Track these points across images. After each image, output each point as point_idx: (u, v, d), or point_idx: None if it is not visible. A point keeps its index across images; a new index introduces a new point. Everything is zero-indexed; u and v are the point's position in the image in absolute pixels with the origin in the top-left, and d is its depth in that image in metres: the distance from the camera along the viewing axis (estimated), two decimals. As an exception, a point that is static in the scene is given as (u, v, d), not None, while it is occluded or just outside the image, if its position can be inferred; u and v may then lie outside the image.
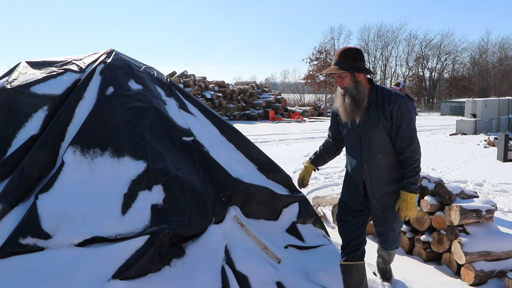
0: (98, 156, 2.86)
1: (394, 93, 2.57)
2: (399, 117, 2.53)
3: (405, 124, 2.53)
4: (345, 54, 2.55)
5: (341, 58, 2.55)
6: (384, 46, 50.47)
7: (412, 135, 2.56)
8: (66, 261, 2.47)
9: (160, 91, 3.55)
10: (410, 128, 2.55)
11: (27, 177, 2.78)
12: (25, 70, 3.46)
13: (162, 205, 2.77)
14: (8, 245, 2.49)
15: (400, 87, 5.37)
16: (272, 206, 3.40)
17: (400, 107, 2.52)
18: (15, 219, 2.62)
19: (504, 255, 3.52)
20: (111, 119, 3.05)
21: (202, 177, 3.11)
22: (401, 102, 2.53)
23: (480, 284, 3.37)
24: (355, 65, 2.52)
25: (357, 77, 2.55)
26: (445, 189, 3.81)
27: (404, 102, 2.54)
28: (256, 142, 12.09)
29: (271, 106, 26.92)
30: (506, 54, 49.74)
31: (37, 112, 3.12)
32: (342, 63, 2.53)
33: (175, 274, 2.64)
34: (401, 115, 2.52)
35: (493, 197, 6.16)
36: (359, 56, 2.56)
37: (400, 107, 2.52)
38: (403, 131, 2.54)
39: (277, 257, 3.04)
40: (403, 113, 2.53)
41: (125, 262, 2.50)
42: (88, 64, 3.50)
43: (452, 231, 3.62)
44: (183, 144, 3.23)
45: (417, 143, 2.58)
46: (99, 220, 2.61)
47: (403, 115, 2.53)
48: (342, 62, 2.53)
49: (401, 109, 2.52)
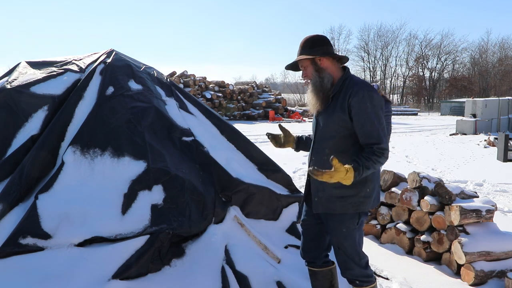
0: (98, 156, 2.87)
1: (361, 85, 2.21)
2: (361, 111, 2.17)
3: (369, 120, 2.16)
4: (303, 44, 2.34)
5: (300, 49, 2.35)
6: (384, 46, 50.54)
7: (378, 133, 2.16)
8: (66, 261, 2.47)
9: (160, 91, 3.55)
10: (376, 124, 2.17)
11: (27, 177, 2.78)
12: (25, 70, 3.46)
13: (162, 205, 2.77)
14: (8, 245, 2.49)
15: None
16: (272, 206, 3.40)
17: (363, 100, 2.16)
18: (15, 219, 2.62)
19: (504, 255, 3.52)
20: (111, 119, 3.05)
21: (202, 177, 3.11)
22: (364, 95, 2.16)
23: (480, 284, 3.37)
24: (312, 51, 2.29)
25: (319, 64, 2.30)
26: (445, 189, 3.81)
27: (368, 96, 2.17)
28: (256, 142, 12.08)
29: (271, 106, 26.92)
30: (506, 54, 49.77)
31: (37, 112, 3.12)
32: (306, 52, 2.31)
33: (175, 274, 2.64)
34: (363, 109, 2.16)
35: (493, 197, 6.16)
36: (316, 42, 2.31)
37: (363, 100, 2.16)
38: (368, 127, 2.17)
39: (277, 257, 3.04)
40: (366, 107, 2.16)
41: (125, 262, 2.50)
42: (88, 64, 3.50)
43: (452, 231, 3.62)
44: (183, 144, 3.23)
45: (384, 143, 2.18)
46: (99, 220, 2.61)
47: (367, 109, 2.16)
48: (306, 51, 2.32)
49: (363, 103, 2.16)
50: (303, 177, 7.50)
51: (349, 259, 2.38)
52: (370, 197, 2.34)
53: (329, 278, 2.61)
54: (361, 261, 2.40)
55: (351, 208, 2.31)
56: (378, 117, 2.19)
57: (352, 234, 2.35)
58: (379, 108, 2.20)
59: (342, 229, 2.34)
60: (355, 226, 2.35)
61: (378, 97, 2.21)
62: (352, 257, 2.37)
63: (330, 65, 2.31)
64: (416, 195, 4.00)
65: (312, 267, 2.60)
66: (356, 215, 2.34)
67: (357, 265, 2.39)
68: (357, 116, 2.18)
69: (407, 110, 34.95)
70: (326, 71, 2.30)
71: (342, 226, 2.33)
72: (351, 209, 2.31)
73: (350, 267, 2.39)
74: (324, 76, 2.29)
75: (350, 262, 2.38)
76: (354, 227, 2.35)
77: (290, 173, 7.37)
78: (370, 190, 2.33)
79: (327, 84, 2.29)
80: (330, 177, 2.05)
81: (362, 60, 50.92)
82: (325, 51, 2.30)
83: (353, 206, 2.31)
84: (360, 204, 2.32)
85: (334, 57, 2.33)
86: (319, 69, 2.30)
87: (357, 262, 2.38)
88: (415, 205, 3.98)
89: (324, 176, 2.05)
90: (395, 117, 29.24)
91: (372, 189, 2.34)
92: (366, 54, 50.40)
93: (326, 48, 2.31)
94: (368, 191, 2.32)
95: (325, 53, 2.29)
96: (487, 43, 51.43)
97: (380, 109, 2.21)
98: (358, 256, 2.39)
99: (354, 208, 2.31)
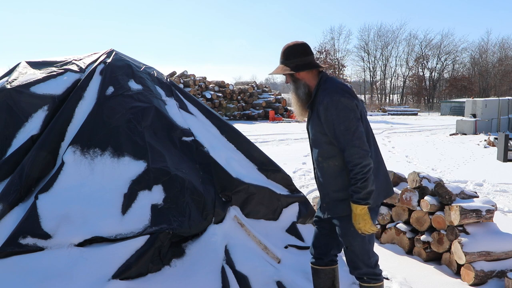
0: (98, 156, 2.87)
1: (327, 92, 2.26)
2: (327, 119, 2.23)
3: (336, 125, 2.21)
4: (281, 54, 2.40)
5: (281, 57, 2.41)
6: (384, 46, 50.53)
7: (346, 138, 2.20)
8: (66, 261, 2.47)
9: (160, 91, 3.55)
10: (343, 130, 2.20)
11: (27, 177, 2.78)
12: (25, 70, 3.46)
13: (162, 205, 2.77)
14: (8, 245, 2.49)
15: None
16: (272, 206, 3.40)
17: (327, 107, 2.22)
18: (15, 219, 2.62)
19: (504, 255, 3.52)
20: (111, 119, 3.05)
21: (202, 177, 3.11)
22: (328, 102, 2.21)
23: (480, 284, 3.37)
24: (287, 63, 2.36)
25: (295, 75, 2.36)
26: (445, 189, 3.81)
27: (332, 102, 2.21)
28: (256, 142, 12.09)
29: (271, 106, 26.91)
30: (506, 54, 49.77)
31: (37, 112, 3.12)
32: (282, 62, 2.39)
33: (175, 274, 2.64)
34: (330, 116, 2.22)
35: (493, 197, 6.16)
36: (291, 54, 2.35)
37: (327, 107, 2.22)
38: (337, 133, 2.22)
39: (277, 257, 3.04)
40: (332, 114, 2.21)
41: (125, 262, 2.50)
42: (88, 64, 3.51)
43: (452, 231, 3.62)
44: (183, 144, 3.23)
45: (356, 147, 2.20)
46: (99, 220, 2.62)
47: (332, 116, 2.21)
48: (282, 62, 2.39)
49: (328, 110, 2.22)
50: (303, 177, 7.50)
51: (358, 258, 2.40)
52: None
53: (331, 278, 2.63)
54: (370, 260, 2.42)
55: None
56: (346, 120, 2.21)
57: (352, 231, 2.37)
58: (347, 111, 2.22)
59: (350, 228, 2.36)
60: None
61: (345, 100, 2.22)
62: (361, 257, 2.40)
63: (305, 75, 2.37)
64: (416, 195, 4.00)
65: (317, 264, 2.62)
66: None
67: (366, 264, 2.41)
68: (326, 124, 2.26)
69: (407, 110, 34.96)
70: (301, 82, 2.37)
71: (350, 225, 2.36)
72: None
73: (358, 267, 2.42)
74: (299, 87, 2.37)
75: (358, 262, 2.41)
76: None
77: (290, 173, 7.37)
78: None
79: (302, 96, 2.37)
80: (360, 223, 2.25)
81: (362, 60, 50.95)
82: (299, 64, 2.34)
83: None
84: None
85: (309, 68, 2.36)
86: (295, 80, 2.38)
87: (366, 261, 2.40)
88: (415, 205, 3.98)
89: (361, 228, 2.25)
90: (395, 117, 29.24)
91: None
92: (366, 54, 50.43)
93: (301, 60, 2.35)
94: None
95: (298, 66, 2.34)
96: (487, 43, 51.50)
97: (350, 111, 2.22)
98: (367, 255, 2.40)
99: None
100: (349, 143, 2.20)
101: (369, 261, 2.42)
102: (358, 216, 2.25)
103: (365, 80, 50.73)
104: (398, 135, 16.19)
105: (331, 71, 37.16)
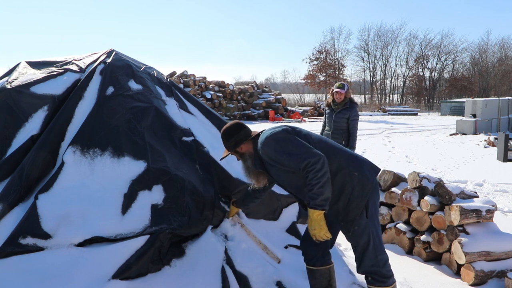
0: (98, 156, 2.87)
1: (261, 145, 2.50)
2: (273, 158, 2.44)
3: (281, 158, 2.40)
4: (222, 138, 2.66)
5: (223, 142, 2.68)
6: (384, 46, 50.45)
7: (293, 159, 2.35)
8: (66, 261, 2.47)
9: (160, 91, 3.55)
10: (286, 157, 2.38)
11: (27, 177, 2.78)
12: (25, 70, 3.46)
13: (162, 205, 2.77)
14: (8, 245, 2.49)
15: (344, 90, 5.21)
16: (272, 206, 3.40)
17: (267, 152, 2.46)
18: (15, 219, 2.62)
19: (504, 255, 3.52)
20: (111, 119, 3.05)
21: (202, 177, 3.11)
22: (264, 149, 2.47)
23: (480, 284, 3.37)
24: (229, 144, 2.62)
25: (239, 151, 2.63)
26: (445, 189, 3.81)
27: (266, 146, 2.45)
28: (256, 142, 12.07)
29: (271, 106, 26.90)
30: (506, 54, 49.71)
31: (37, 112, 3.12)
32: (225, 145, 2.66)
33: (175, 274, 2.64)
34: (273, 156, 2.44)
35: (493, 197, 6.16)
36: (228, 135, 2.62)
37: (267, 152, 2.46)
38: (286, 163, 2.39)
39: (277, 257, 3.04)
40: (271, 153, 2.44)
41: (125, 262, 2.50)
42: (88, 64, 3.51)
43: (452, 231, 3.62)
44: (183, 144, 3.23)
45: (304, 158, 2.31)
46: (99, 220, 2.61)
47: (274, 154, 2.43)
48: (224, 145, 2.66)
49: (268, 153, 2.46)
50: (303, 177, 7.49)
51: (364, 257, 2.45)
52: (360, 185, 2.40)
53: (327, 278, 2.64)
54: (377, 259, 2.45)
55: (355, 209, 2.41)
56: (283, 148, 2.40)
57: (366, 230, 2.42)
58: (280, 142, 2.43)
59: (354, 227, 2.42)
60: (365, 220, 2.41)
61: (274, 136, 2.46)
62: (367, 255, 2.44)
63: (246, 147, 2.62)
64: (416, 195, 4.00)
65: (312, 265, 2.63)
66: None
67: (372, 264, 2.45)
68: (276, 162, 2.45)
69: (407, 110, 34.92)
70: (246, 154, 2.63)
71: (354, 224, 2.41)
72: (355, 210, 2.41)
73: (364, 265, 2.47)
74: (246, 159, 2.63)
75: (365, 260, 2.45)
76: (366, 221, 2.41)
77: (290, 173, 7.35)
78: (350, 184, 2.41)
79: (250, 164, 2.62)
80: (316, 229, 2.32)
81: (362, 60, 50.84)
82: (237, 139, 2.60)
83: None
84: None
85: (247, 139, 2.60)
86: (241, 154, 2.65)
87: (372, 260, 2.44)
88: (415, 205, 3.98)
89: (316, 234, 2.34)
90: (395, 117, 29.23)
91: (350, 182, 2.41)
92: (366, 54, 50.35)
93: (238, 136, 2.60)
94: (350, 188, 2.41)
95: (237, 142, 2.60)
96: (487, 43, 51.40)
97: (281, 141, 2.43)
98: (374, 253, 2.44)
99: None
100: (297, 160, 2.33)
101: (375, 260, 2.44)
102: (314, 221, 2.32)
103: (365, 80, 50.67)
104: (398, 135, 16.19)
105: (331, 71, 37.08)
